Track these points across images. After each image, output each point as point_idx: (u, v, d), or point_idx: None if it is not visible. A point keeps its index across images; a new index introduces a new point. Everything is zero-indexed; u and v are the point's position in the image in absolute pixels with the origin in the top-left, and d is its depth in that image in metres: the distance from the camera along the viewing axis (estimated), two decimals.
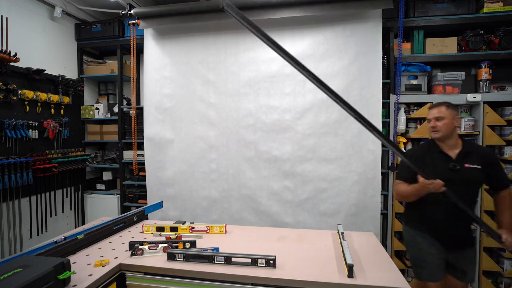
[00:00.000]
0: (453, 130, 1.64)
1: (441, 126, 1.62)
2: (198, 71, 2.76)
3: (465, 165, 1.60)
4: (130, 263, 1.38)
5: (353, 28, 2.50)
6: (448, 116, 1.62)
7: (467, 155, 1.63)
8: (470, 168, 1.60)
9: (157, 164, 2.88)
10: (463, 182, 1.59)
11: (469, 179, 1.60)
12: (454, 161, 1.62)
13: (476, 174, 1.60)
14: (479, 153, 1.64)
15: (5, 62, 2.37)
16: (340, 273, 1.26)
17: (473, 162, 1.60)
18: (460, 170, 1.59)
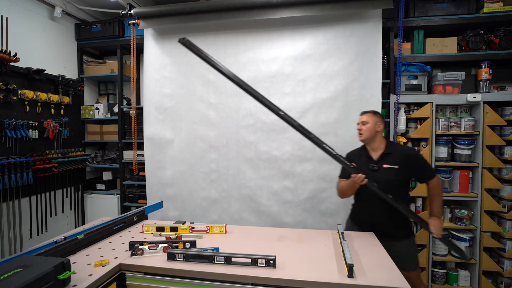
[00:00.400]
0: (375, 133, 1.85)
1: (364, 130, 1.85)
2: (198, 71, 2.76)
3: (383, 165, 1.79)
4: (130, 263, 1.37)
5: (353, 28, 2.50)
6: (371, 121, 1.84)
7: (387, 156, 1.81)
8: (387, 168, 1.78)
9: (157, 164, 2.88)
10: (384, 180, 1.74)
11: (387, 177, 1.76)
12: (374, 162, 1.82)
13: (393, 173, 1.76)
14: (399, 154, 1.81)
15: (5, 62, 2.37)
16: (340, 273, 1.26)
17: (391, 163, 1.78)
18: (378, 170, 1.79)
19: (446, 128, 2.52)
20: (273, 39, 2.63)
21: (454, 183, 2.57)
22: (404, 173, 1.78)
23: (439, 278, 2.54)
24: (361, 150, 1.95)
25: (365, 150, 1.91)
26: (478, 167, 2.46)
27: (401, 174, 1.77)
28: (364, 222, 1.89)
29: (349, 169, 1.72)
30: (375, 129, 1.85)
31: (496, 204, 2.44)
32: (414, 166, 1.80)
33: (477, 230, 2.47)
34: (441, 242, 1.86)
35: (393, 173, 1.77)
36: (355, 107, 2.51)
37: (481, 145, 2.44)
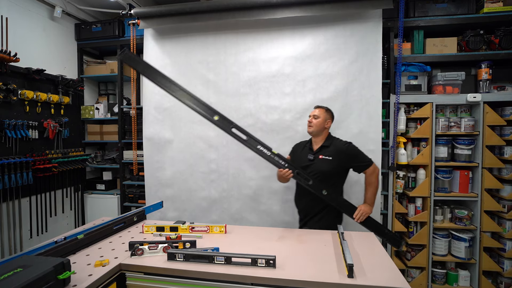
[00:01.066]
0: (323, 129, 2.02)
1: (314, 123, 2.00)
2: (198, 71, 2.76)
3: (319, 156, 1.97)
4: (130, 263, 1.37)
5: (353, 28, 2.50)
6: (322, 117, 2.00)
7: (324, 149, 2.00)
8: (322, 159, 1.96)
9: (156, 164, 2.88)
10: (317, 170, 1.94)
11: (320, 168, 1.94)
12: (313, 153, 2.01)
13: (326, 164, 1.94)
14: (335, 147, 1.99)
15: (5, 62, 2.37)
16: (340, 273, 1.26)
17: (326, 154, 1.96)
18: (314, 160, 1.98)
19: (446, 128, 2.52)
20: (273, 39, 2.63)
21: (454, 183, 2.57)
22: (337, 164, 1.95)
23: (439, 278, 2.54)
24: (308, 142, 2.13)
25: (310, 143, 2.09)
26: (478, 167, 2.46)
27: (335, 165, 1.94)
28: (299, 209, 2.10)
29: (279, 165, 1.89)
30: (324, 125, 2.01)
31: (496, 204, 2.44)
32: (349, 157, 1.97)
33: (477, 230, 2.47)
34: (365, 226, 1.95)
35: (327, 164, 1.94)
36: (355, 107, 2.51)
37: (481, 145, 2.44)
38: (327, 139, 2.05)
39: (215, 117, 1.83)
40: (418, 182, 2.59)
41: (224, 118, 1.85)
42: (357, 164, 1.99)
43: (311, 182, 1.88)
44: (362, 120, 2.50)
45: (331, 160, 1.95)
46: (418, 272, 2.59)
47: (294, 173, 1.88)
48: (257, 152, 1.87)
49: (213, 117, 1.83)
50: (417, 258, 2.54)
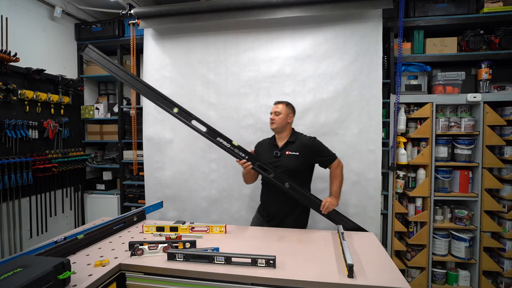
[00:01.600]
0: (286, 124, 2.00)
1: (277, 120, 1.97)
2: (198, 71, 2.76)
3: (286, 152, 1.96)
4: (130, 263, 1.38)
5: (353, 28, 2.50)
6: (284, 112, 1.98)
7: (290, 144, 1.99)
8: (288, 155, 1.95)
9: (156, 165, 2.87)
10: (284, 166, 1.93)
11: (287, 163, 1.93)
12: (278, 150, 1.99)
13: (293, 159, 1.94)
14: (301, 142, 1.99)
15: (5, 62, 2.37)
16: (340, 273, 1.26)
17: (292, 150, 1.96)
18: (280, 157, 1.96)
19: (446, 128, 2.52)
20: (273, 39, 2.63)
21: (454, 183, 2.57)
22: (304, 159, 1.95)
23: (439, 278, 2.54)
24: (271, 139, 2.11)
25: (273, 139, 2.08)
26: (478, 167, 2.46)
27: (301, 161, 1.95)
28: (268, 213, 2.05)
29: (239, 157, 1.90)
30: (286, 120, 2.00)
31: (496, 204, 2.44)
32: (314, 152, 1.98)
33: (477, 230, 2.47)
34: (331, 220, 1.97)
35: (294, 159, 1.94)
36: (355, 107, 2.51)
37: (481, 145, 2.44)
38: (292, 134, 2.04)
39: (174, 110, 1.85)
40: (418, 182, 2.59)
41: (184, 110, 1.88)
42: (323, 158, 2.00)
43: (272, 174, 1.88)
44: (362, 120, 2.50)
45: (298, 155, 1.95)
46: (418, 272, 2.59)
47: (254, 165, 1.88)
48: (217, 144, 1.89)
49: (172, 110, 1.85)
50: (417, 258, 2.54)
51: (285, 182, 1.88)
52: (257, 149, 2.13)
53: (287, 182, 1.88)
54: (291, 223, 1.97)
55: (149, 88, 1.94)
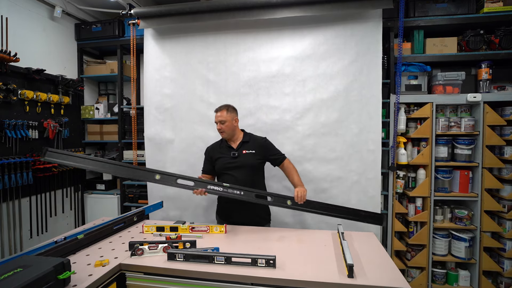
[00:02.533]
0: (234, 128, 2.06)
1: (224, 128, 2.02)
2: (198, 71, 2.76)
3: (243, 151, 2.03)
4: (130, 263, 1.38)
5: (353, 28, 2.50)
6: (228, 119, 2.01)
7: (245, 144, 2.06)
8: (246, 154, 2.03)
9: (158, 164, 2.87)
10: (243, 165, 2.00)
11: (247, 161, 2.01)
12: (234, 150, 2.04)
13: (251, 157, 2.02)
14: (254, 141, 2.09)
15: (5, 62, 2.37)
16: (340, 273, 1.26)
17: (248, 149, 2.04)
18: (238, 157, 2.02)
19: (446, 128, 2.52)
20: (273, 39, 2.63)
21: (454, 183, 2.57)
22: (260, 156, 2.05)
23: (439, 278, 2.54)
24: (222, 142, 2.14)
25: (225, 142, 2.11)
26: (478, 167, 2.46)
27: (258, 157, 2.04)
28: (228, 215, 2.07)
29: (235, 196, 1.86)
30: (233, 125, 2.06)
31: (496, 204, 2.44)
32: (268, 151, 2.08)
33: (477, 230, 2.47)
34: (307, 208, 1.97)
35: (251, 157, 2.02)
36: (355, 107, 2.51)
37: (481, 145, 2.44)
38: (245, 135, 2.12)
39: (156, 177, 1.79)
40: (418, 182, 2.59)
41: (166, 174, 1.83)
42: (274, 156, 2.09)
43: (272, 199, 1.93)
44: (362, 120, 2.50)
45: (255, 153, 2.03)
46: (418, 272, 2.59)
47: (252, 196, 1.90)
48: (210, 193, 1.84)
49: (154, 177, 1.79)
50: (417, 258, 2.54)
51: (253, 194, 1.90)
52: (209, 154, 2.14)
53: (269, 196, 1.93)
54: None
55: (123, 166, 1.85)
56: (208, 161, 2.15)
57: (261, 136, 2.17)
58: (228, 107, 2.07)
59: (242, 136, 2.12)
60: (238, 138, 2.10)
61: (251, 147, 2.05)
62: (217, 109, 2.07)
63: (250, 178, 2.01)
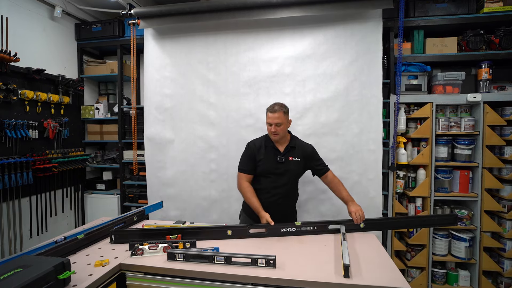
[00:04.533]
0: (286, 131, 1.96)
1: (279, 130, 1.88)
2: (198, 71, 2.75)
3: (289, 158, 1.93)
4: (130, 263, 1.38)
5: (354, 28, 2.50)
6: (284, 122, 1.89)
7: (292, 150, 1.95)
8: (292, 161, 1.93)
9: (158, 164, 2.88)
10: (287, 172, 1.92)
11: (291, 169, 1.93)
12: (281, 155, 1.93)
13: (296, 165, 1.94)
14: (301, 148, 1.98)
15: (5, 62, 2.36)
16: (337, 273, 1.27)
17: (295, 156, 1.94)
18: (284, 162, 1.92)
19: (446, 128, 2.52)
20: (273, 39, 2.63)
21: (454, 183, 2.57)
22: (304, 165, 1.98)
23: (439, 278, 2.54)
24: (267, 140, 1.98)
25: (270, 142, 1.96)
26: (478, 167, 2.46)
27: (302, 167, 1.97)
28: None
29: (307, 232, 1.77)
30: (287, 128, 1.96)
31: (496, 204, 2.44)
32: (313, 160, 2.00)
33: (477, 230, 2.47)
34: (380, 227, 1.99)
35: (297, 165, 1.94)
36: (356, 107, 2.50)
37: (481, 145, 2.44)
38: (292, 139, 1.99)
39: (228, 232, 1.71)
40: (418, 182, 2.59)
41: (237, 226, 1.75)
42: (319, 167, 2.00)
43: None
44: (363, 120, 2.50)
45: (299, 161, 1.95)
46: (418, 272, 2.59)
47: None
48: (282, 235, 1.74)
49: (227, 233, 1.71)
50: (417, 258, 2.54)
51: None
52: (254, 152, 1.95)
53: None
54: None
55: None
56: (252, 160, 1.94)
57: (308, 143, 2.04)
58: (285, 108, 1.91)
59: (289, 139, 1.98)
60: (286, 141, 1.97)
61: (297, 154, 1.94)
62: (272, 109, 1.89)
63: (291, 185, 1.96)
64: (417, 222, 2.03)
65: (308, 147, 2.02)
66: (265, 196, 1.94)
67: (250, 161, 1.95)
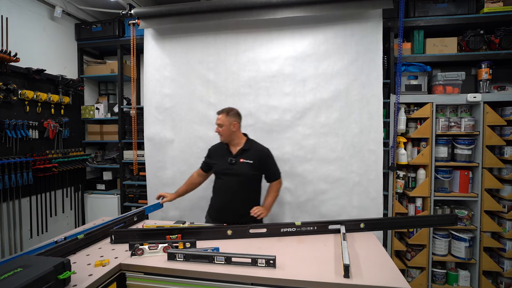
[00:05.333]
0: (232, 133, 2.04)
1: (222, 132, 2.02)
2: (198, 71, 2.75)
3: (240, 160, 2.01)
4: (130, 263, 1.38)
5: (354, 28, 2.50)
6: (226, 123, 2.00)
7: (244, 152, 2.03)
8: (243, 162, 2.00)
9: (158, 164, 2.88)
10: (237, 173, 1.99)
11: (242, 171, 1.99)
12: (232, 156, 2.03)
13: (247, 167, 1.99)
14: (255, 151, 2.05)
15: (5, 62, 2.36)
16: (337, 273, 1.26)
17: (247, 158, 2.00)
18: (235, 164, 2.00)
19: (446, 128, 2.52)
20: (273, 39, 2.63)
21: (454, 183, 2.57)
22: (257, 168, 2.02)
23: (439, 278, 2.54)
24: (222, 143, 2.13)
25: (225, 144, 2.11)
26: (478, 167, 2.46)
27: (255, 169, 2.01)
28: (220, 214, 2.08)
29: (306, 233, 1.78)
30: (231, 129, 2.03)
31: (496, 204, 2.44)
32: (267, 164, 2.06)
33: (477, 230, 2.47)
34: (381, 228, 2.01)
35: (247, 167, 1.99)
36: (356, 106, 2.50)
37: (481, 145, 2.44)
38: (247, 142, 2.08)
39: (228, 232, 1.70)
40: (418, 182, 2.59)
41: (237, 226, 1.74)
42: (271, 172, 2.08)
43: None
44: (363, 120, 2.49)
45: (252, 163, 2.00)
46: (418, 272, 2.59)
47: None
48: (282, 235, 1.74)
49: (227, 233, 1.71)
50: (417, 258, 2.54)
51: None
52: (211, 153, 2.19)
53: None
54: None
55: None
56: (207, 159, 2.20)
57: (265, 147, 2.11)
58: (229, 112, 2.04)
59: (243, 142, 2.08)
60: (239, 143, 2.07)
61: (250, 157, 2.01)
62: (218, 111, 2.07)
63: (242, 188, 2.02)
64: (417, 222, 2.03)
65: (264, 151, 2.09)
66: (219, 195, 2.11)
67: (206, 160, 2.21)
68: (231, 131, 2.03)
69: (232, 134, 2.04)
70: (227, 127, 2.01)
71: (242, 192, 2.01)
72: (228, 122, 2.01)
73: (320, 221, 1.80)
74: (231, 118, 2.03)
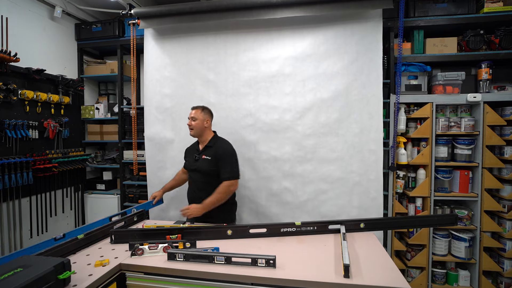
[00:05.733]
0: (204, 129, 2.12)
1: (194, 125, 2.09)
2: (198, 71, 2.75)
3: (202, 156, 2.10)
4: (130, 263, 1.38)
5: (354, 28, 2.50)
6: (200, 118, 2.09)
7: (207, 149, 2.11)
8: (204, 159, 2.09)
9: (158, 164, 2.88)
10: (199, 169, 2.10)
11: (202, 167, 2.08)
12: (197, 153, 2.14)
13: (207, 163, 2.07)
14: (216, 148, 2.10)
15: (5, 62, 2.37)
16: (337, 273, 1.26)
17: (207, 154, 2.09)
18: (198, 160, 2.11)
19: (446, 128, 2.52)
20: (273, 39, 2.63)
21: (454, 183, 2.57)
22: (214, 164, 2.06)
23: (439, 278, 2.54)
24: (196, 142, 2.25)
25: (197, 143, 2.22)
26: (478, 167, 2.46)
27: (212, 165, 2.06)
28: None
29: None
30: (203, 125, 2.10)
31: (496, 204, 2.44)
32: (219, 162, 2.06)
33: (477, 230, 2.47)
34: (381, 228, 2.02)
35: (206, 163, 2.07)
36: (356, 106, 2.50)
37: (481, 145, 2.44)
38: (212, 139, 2.15)
39: (228, 232, 1.70)
40: (418, 182, 2.59)
41: (237, 226, 1.75)
42: (222, 171, 2.04)
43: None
44: (363, 120, 2.49)
45: (210, 160, 2.06)
46: (418, 272, 2.59)
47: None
48: (282, 235, 1.74)
49: (227, 233, 1.70)
50: (417, 258, 2.54)
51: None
52: (186, 151, 2.33)
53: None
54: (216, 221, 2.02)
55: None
56: (184, 157, 2.34)
57: (228, 146, 2.14)
58: (204, 108, 2.15)
59: (209, 139, 2.15)
60: (206, 140, 2.15)
61: (209, 153, 2.09)
62: (193, 107, 2.16)
63: (204, 184, 2.08)
64: (417, 222, 2.03)
65: (220, 149, 2.10)
66: (188, 190, 2.25)
67: (184, 157, 2.32)
68: (203, 127, 2.11)
69: (203, 130, 2.13)
70: (201, 122, 2.09)
71: (204, 187, 2.08)
72: (202, 117, 2.10)
73: (320, 221, 1.80)
74: (205, 115, 2.12)
